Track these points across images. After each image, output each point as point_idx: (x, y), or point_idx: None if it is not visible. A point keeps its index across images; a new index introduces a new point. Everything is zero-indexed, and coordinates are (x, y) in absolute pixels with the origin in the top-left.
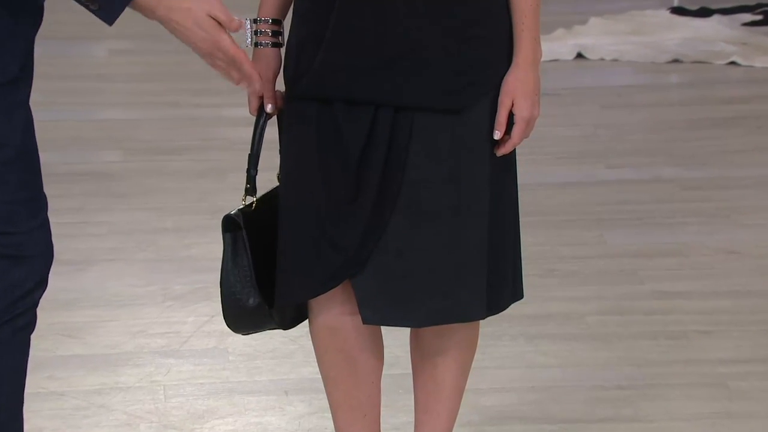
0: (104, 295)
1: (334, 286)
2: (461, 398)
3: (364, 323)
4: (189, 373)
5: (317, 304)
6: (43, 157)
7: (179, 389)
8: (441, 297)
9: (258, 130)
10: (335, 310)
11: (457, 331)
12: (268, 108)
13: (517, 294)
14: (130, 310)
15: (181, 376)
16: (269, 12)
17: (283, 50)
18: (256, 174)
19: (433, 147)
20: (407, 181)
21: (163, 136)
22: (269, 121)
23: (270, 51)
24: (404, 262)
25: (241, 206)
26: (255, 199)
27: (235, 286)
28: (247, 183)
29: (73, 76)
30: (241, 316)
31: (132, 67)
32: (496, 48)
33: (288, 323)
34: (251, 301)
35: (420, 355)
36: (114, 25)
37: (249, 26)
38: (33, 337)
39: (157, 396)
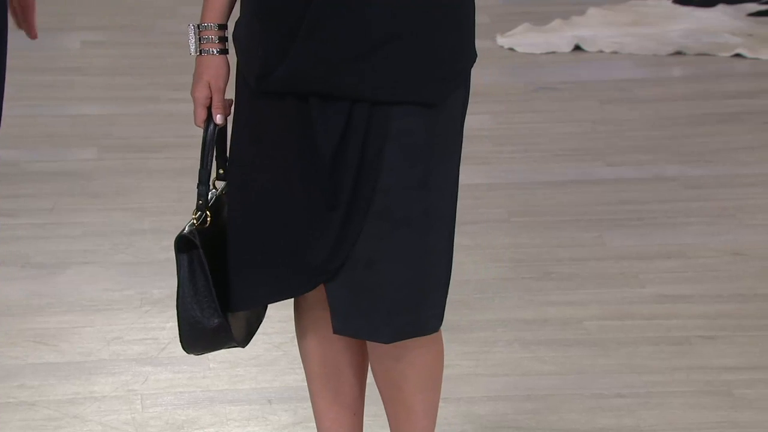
0: (78, 299)
1: (301, 294)
2: (436, 414)
3: (334, 332)
4: (168, 382)
5: (310, 315)
6: (14, 155)
7: (157, 398)
8: (406, 312)
9: (208, 143)
10: (327, 321)
11: (416, 346)
12: (218, 119)
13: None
14: (106, 316)
15: (159, 384)
16: (214, 17)
17: (230, 57)
18: (209, 189)
19: (409, 147)
20: (381, 186)
21: (141, 132)
22: (218, 131)
23: (218, 58)
24: (374, 273)
25: (193, 223)
26: (208, 214)
27: (194, 309)
28: (198, 199)
29: (45, 69)
30: (200, 338)
31: (107, 60)
32: (466, 36)
33: (244, 340)
34: (213, 322)
35: (383, 379)
36: (87, 14)
37: (193, 33)
38: (3, 344)
39: (134, 406)
